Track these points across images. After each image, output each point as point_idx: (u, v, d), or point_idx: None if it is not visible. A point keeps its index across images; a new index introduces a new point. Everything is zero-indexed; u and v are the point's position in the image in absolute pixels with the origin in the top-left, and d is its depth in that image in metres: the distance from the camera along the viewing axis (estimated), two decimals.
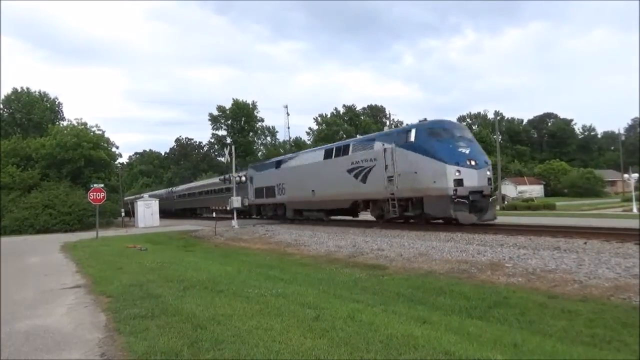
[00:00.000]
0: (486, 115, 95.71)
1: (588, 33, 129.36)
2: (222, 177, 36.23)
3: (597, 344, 4.69)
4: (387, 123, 77.69)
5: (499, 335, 4.89)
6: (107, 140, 41.81)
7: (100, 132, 40.81)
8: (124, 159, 78.10)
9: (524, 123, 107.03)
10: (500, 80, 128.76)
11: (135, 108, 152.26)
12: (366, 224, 19.76)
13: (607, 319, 5.49)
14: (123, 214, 39.56)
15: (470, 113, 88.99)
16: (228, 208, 28.35)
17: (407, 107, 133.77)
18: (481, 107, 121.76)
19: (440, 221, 17.10)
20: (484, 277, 8.51)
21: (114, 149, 43.28)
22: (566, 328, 5.23)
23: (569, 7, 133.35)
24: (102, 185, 25.46)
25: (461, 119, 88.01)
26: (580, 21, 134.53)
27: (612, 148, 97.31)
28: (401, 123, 79.13)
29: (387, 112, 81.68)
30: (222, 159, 65.67)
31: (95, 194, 23.29)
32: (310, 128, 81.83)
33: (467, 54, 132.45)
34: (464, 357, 4.15)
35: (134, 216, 36.69)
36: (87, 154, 37.03)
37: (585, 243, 10.68)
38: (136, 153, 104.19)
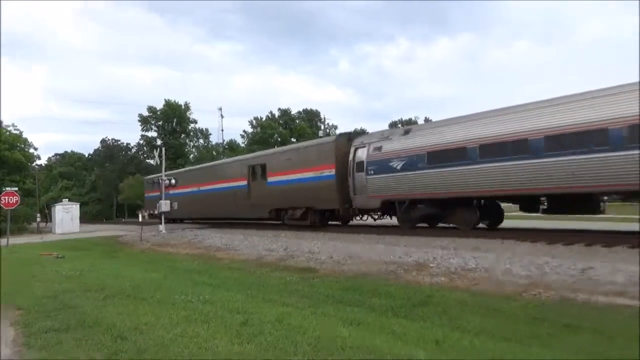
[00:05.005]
0: (417, 122, 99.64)
1: (511, 44, 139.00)
2: (149, 177, 34.56)
3: (512, 338, 4.99)
4: (322, 127, 78.63)
5: (423, 332, 5.10)
6: (25, 141, 39.08)
7: (16, 132, 38.11)
8: (42, 161, 72.88)
9: None
10: (431, 88, 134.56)
11: (56, 107, 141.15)
12: (297, 227, 19.76)
13: (520, 314, 5.90)
14: (39, 219, 36.75)
15: (402, 119, 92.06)
16: (156, 212, 26.64)
17: (343, 112, 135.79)
18: (412, 113, 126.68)
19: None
20: (410, 277, 8.84)
21: (31, 150, 40.52)
22: (483, 324, 5.54)
23: (492, 19, 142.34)
24: (16, 188, 23.67)
25: (393, 124, 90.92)
26: (503, 33, 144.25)
27: None
28: (336, 127, 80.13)
29: (322, 117, 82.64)
30: (152, 161, 63.11)
31: (7, 197, 21.83)
32: (244, 131, 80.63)
33: (401, 62, 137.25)
34: (389, 355, 4.28)
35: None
36: (1, 155, 34.27)
37: (502, 242, 11.42)
38: (56, 154, 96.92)
